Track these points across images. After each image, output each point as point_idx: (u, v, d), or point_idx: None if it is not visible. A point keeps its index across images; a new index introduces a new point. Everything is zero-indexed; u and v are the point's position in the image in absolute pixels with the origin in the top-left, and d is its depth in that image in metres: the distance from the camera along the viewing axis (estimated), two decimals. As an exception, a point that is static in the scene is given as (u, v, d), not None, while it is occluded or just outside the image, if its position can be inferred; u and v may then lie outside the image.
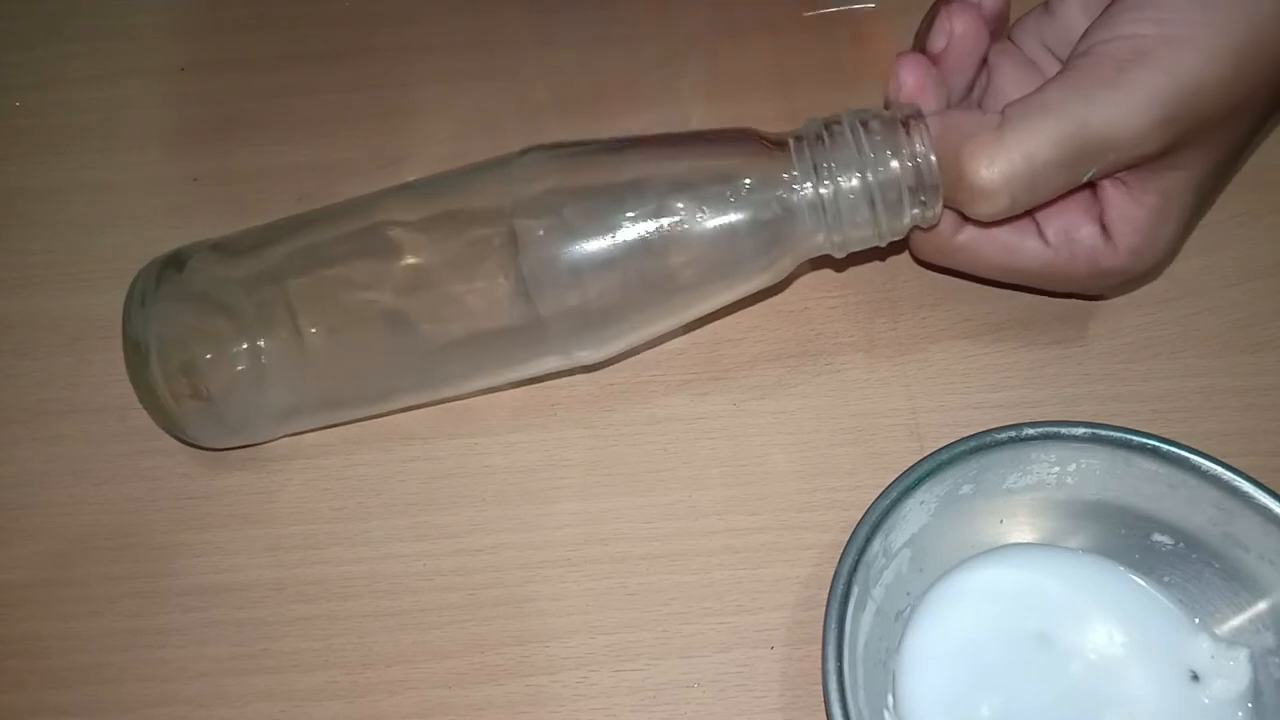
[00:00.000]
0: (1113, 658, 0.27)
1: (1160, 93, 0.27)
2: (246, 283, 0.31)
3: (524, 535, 0.32)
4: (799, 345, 0.35)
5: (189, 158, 0.40)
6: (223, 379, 0.30)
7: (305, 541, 0.32)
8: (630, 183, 0.30)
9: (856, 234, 0.30)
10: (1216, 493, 0.27)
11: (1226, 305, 0.34)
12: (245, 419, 0.32)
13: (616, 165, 0.30)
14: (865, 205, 0.29)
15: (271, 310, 0.30)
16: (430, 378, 0.32)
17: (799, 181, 0.29)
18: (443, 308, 0.30)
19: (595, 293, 0.29)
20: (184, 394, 0.30)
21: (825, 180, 0.29)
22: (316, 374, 0.31)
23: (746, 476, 0.32)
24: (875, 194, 0.29)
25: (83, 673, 0.31)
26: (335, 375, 0.32)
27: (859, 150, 0.29)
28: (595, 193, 0.29)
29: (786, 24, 0.42)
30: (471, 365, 0.32)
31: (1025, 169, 0.28)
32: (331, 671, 0.30)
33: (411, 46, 0.43)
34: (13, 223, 0.39)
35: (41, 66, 0.43)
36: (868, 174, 0.29)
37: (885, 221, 0.29)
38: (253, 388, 0.31)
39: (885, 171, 0.28)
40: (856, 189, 0.29)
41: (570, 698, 0.30)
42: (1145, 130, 0.27)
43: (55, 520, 0.33)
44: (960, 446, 0.28)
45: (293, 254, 0.31)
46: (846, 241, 0.30)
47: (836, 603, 0.26)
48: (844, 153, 0.29)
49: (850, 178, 0.29)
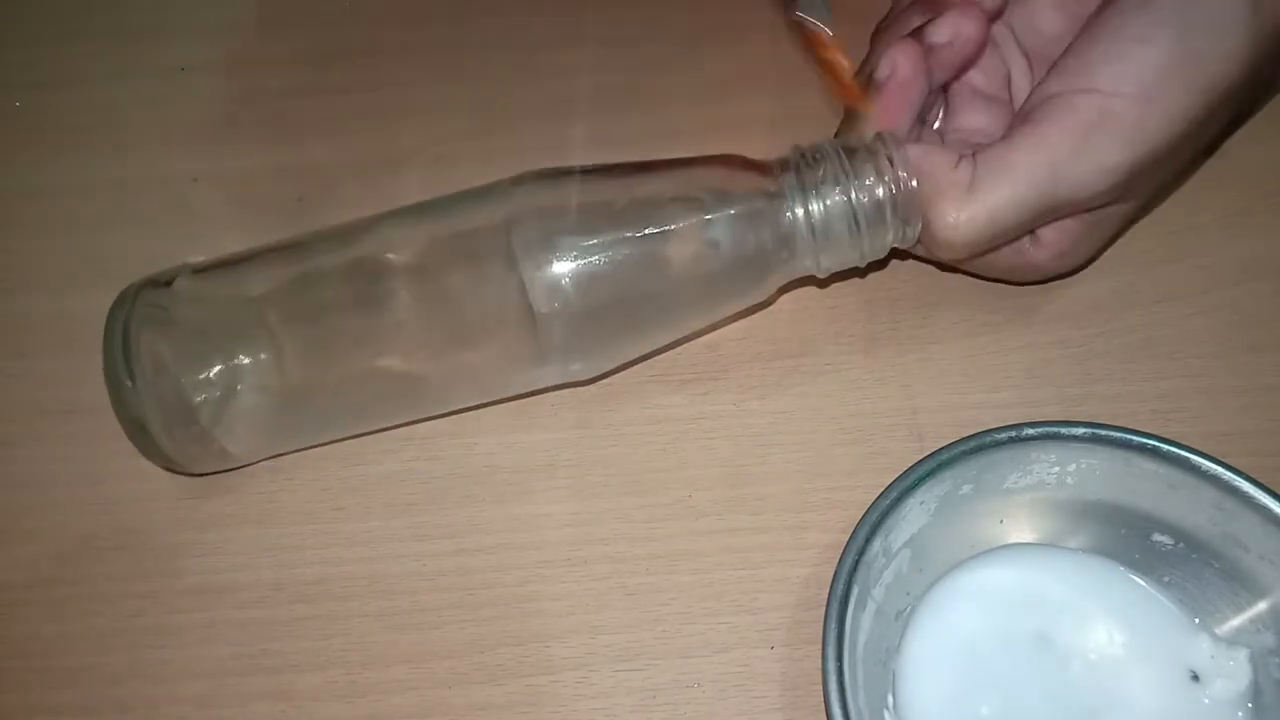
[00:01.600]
0: (1113, 658, 0.27)
1: (1125, 161, 0.28)
2: (233, 312, 0.31)
3: (524, 535, 0.32)
4: (799, 345, 0.35)
5: (189, 158, 0.40)
6: (212, 409, 0.30)
7: (305, 541, 0.32)
8: (624, 205, 0.30)
9: (841, 255, 0.31)
10: (1216, 493, 0.27)
11: (1226, 305, 0.34)
12: (235, 446, 0.32)
13: (610, 189, 0.31)
14: (850, 227, 0.30)
15: (260, 340, 0.31)
16: (425, 399, 0.33)
17: (786, 205, 0.30)
18: (438, 328, 0.31)
19: (589, 313, 0.30)
20: (173, 424, 0.30)
21: (812, 203, 0.30)
22: (308, 402, 0.32)
23: (746, 476, 0.32)
24: (859, 216, 0.30)
25: (83, 673, 0.31)
26: (327, 402, 0.32)
27: (844, 175, 0.30)
28: (590, 215, 0.30)
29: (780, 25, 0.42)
30: (467, 383, 0.32)
31: (988, 227, 0.29)
32: (331, 671, 0.30)
33: (411, 46, 0.43)
34: (13, 223, 0.39)
35: (41, 66, 0.43)
36: (852, 196, 0.30)
37: (868, 242, 0.30)
38: (243, 417, 0.31)
39: (869, 195, 0.30)
40: (842, 212, 0.30)
41: (570, 698, 0.30)
42: (1105, 191, 0.29)
43: (55, 520, 0.33)
44: (960, 446, 0.28)
45: (282, 283, 0.31)
46: (832, 263, 0.31)
47: (836, 603, 0.26)
48: (830, 178, 0.30)
49: (836, 201, 0.30)
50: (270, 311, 0.31)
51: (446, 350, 0.31)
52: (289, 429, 0.33)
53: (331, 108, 0.41)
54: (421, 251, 0.31)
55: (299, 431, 0.33)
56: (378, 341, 0.31)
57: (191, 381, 0.30)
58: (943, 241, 0.30)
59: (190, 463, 0.32)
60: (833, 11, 0.31)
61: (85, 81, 0.43)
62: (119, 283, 0.32)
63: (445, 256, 0.31)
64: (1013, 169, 0.29)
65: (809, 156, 0.30)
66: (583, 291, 0.30)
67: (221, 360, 0.30)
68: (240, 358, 0.30)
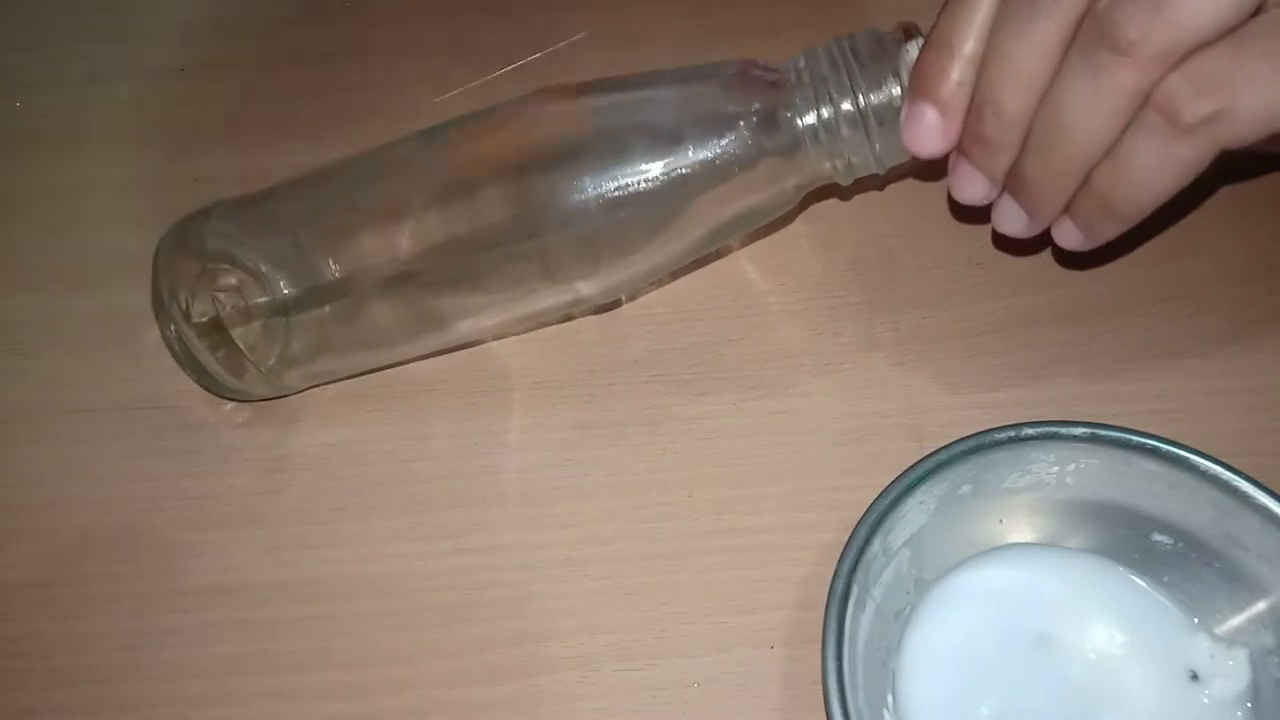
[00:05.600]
0: (1112, 658, 0.27)
1: None
2: (266, 235, 0.32)
3: (524, 535, 0.32)
4: (799, 345, 0.35)
5: (189, 158, 0.40)
6: (251, 326, 0.31)
7: (305, 541, 0.32)
8: (636, 111, 0.30)
9: (856, 158, 0.30)
10: (1216, 492, 0.27)
11: (1226, 305, 0.34)
12: (276, 366, 0.32)
13: (622, 97, 0.31)
14: (861, 126, 0.29)
15: (293, 255, 0.31)
16: (449, 314, 0.33)
17: (798, 106, 0.29)
18: (454, 236, 0.31)
19: (599, 218, 0.30)
20: (214, 344, 0.31)
21: (824, 104, 0.29)
22: (338, 314, 0.32)
23: (746, 476, 0.32)
24: (868, 117, 0.29)
25: (83, 672, 0.31)
26: (356, 315, 0.32)
27: (854, 72, 0.29)
28: (602, 121, 0.30)
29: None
30: (478, 293, 0.32)
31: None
32: (332, 671, 0.30)
33: (411, 47, 0.43)
34: (13, 223, 0.39)
35: (41, 66, 0.43)
36: (861, 94, 0.29)
37: (880, 144, 0.29)
38: (280, 331, 0.32)
39: (878, 93, 0.29)
40: (849, 112, 0.29)
41: (570, 697, 0.30)
42: None
43: (55, 520, 0.33)
44: (960, 446, 0.28)
45: (309, 205, 0.33)
46: (849, 166, 0.30)
47: (836, 602, 0.26)
48: (839, 75, 0.29)
49: (845, 99, 0.29)
50: (301, 231, 0.32)
51: (464, 262, 0.31)
52: (327, 349, 0.33)
53: (332, 108, 0.41)
54: (440, 164, 0.32)
55: (337, 351, 0.33)
56: (400, 249, 0.31)
57: (230, 306, 0.31)
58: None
59: (235, 387, 0.32)
60: None
61: (85, 82, 0.43)
62: (119, 283, 0.32)
63: (460, 168, 0.32)
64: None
65: (823, 55, 0.30)
66: (590, 198, 0.30)
67: (257, 281, 0.31)
68: (272, 279, 0.31)
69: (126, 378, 0.35)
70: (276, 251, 0.32)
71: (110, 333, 0.36)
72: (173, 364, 0.32)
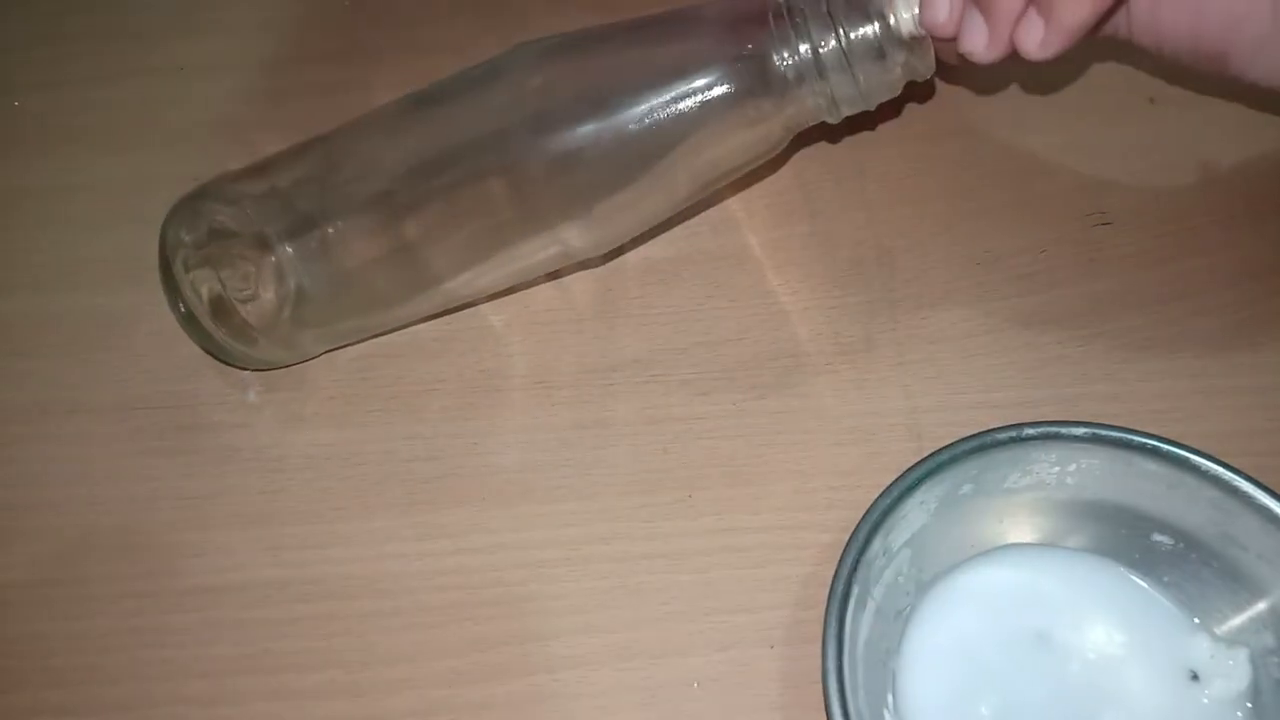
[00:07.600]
0: (1112, 657, 0.27)
1: None
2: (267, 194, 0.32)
3: (524, 535, 0.32)
4: (799, 345, 0.35)
5: (189, 158, 0.40)
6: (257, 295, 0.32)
7: (305, 541, 0.32)
8: (619, 51, 0.30)
9: (841, 92, 0.30)
10: (1216, 492, 0.27)
11: (1226, 305, 0.34)
12: (283, 333, 0.33)
13: (605, 45, 0.31)
14: (844, 61, 0.29)
15: (292, 212, 0.32)
16: (441, 270, 0.33)
17: (782, 44, 0.29)
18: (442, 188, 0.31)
19: (580, 154, 0.30)
20: (222, 313, 0.31)
21: (805, 40, 0.29)
22: (340, 275, 0.33)
23: (746, 476, 0.32)
24: (852, 51, 0.29)
25: (83, 673, 0.31)
26: (357, 275, 0.33)
27: (836, 5, 0.29)
28: (586, 70, 0.30)
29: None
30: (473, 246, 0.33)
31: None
32: (332, 671, 0.30)
33: (411, 46, 0.43)
34: (13, 223, 0.39)
35: (41, 66, 0.43)
36: (842, 28, 0.29)
37: (864, 79, 0.29)
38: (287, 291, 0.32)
39: (861, 27, 0.29)
40: (834, 48, 0.29)
41: (570, 696, 0.30)
42: None
43: (55, 520, 0.33)
44: (960, 446, 0.28)
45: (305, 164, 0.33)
46: (834, 102, 0.30)
47: (836, 602, 0.26)
48: (820, 10, 0.29)
49: (827, 35, 0.29)
50: (299, 188, 0.32)
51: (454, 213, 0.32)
52: (333, 305, 0.34)
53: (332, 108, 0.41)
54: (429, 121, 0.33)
55: (342, 310, 0.34)
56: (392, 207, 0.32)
57: (236, 275, 0.31)
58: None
59: (244, 354, 0.33)
60: None
61: (84, 81, 0.43)
62: (119, 283, 0.32)
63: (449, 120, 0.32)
64: None
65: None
66: (578, 146, 0.30)
67: (261, 252, 0.32)
68: (274, 240, 0.32)
69: (126, 378, 0.35)
70: (275, 210, 0.32)
71: (110, 333, 0.36)
72: (173, 364, 0.32)
